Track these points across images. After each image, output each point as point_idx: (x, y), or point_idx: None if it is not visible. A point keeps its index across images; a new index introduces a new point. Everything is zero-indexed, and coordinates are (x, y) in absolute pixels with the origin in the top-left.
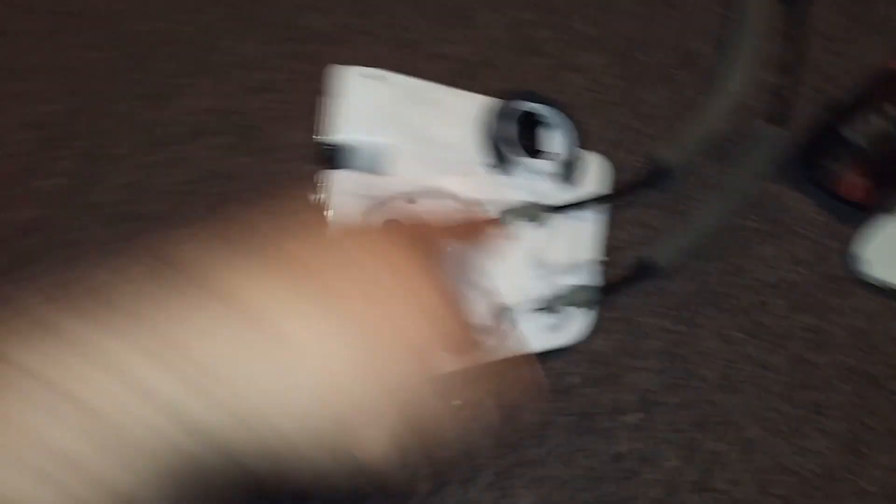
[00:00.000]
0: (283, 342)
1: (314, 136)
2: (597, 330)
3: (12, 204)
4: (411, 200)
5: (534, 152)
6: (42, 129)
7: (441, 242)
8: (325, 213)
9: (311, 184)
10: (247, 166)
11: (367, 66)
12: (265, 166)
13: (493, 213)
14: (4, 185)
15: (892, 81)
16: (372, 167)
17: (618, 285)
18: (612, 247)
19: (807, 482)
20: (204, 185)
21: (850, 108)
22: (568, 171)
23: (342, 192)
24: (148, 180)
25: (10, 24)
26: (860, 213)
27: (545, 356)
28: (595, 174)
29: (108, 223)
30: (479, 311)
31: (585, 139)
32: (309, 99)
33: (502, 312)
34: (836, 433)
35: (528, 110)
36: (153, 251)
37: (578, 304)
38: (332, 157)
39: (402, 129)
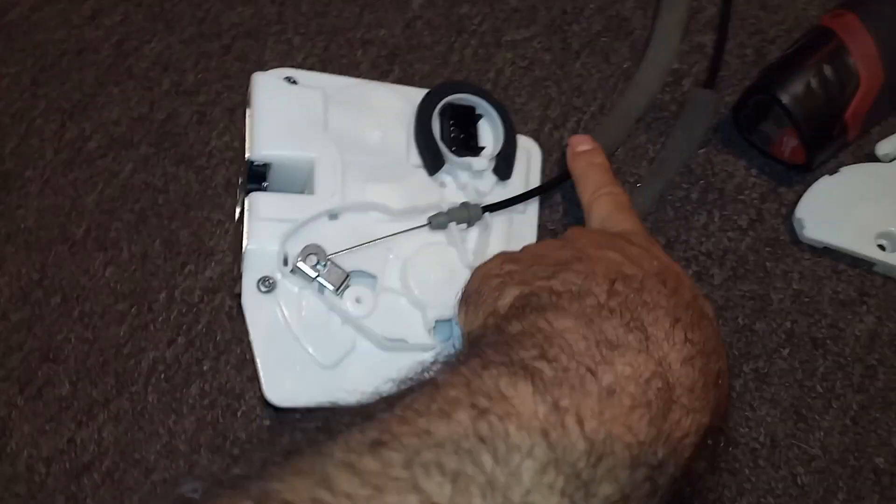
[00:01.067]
0: None
1: (238, 141)
2: None
3: None
4: (334, 217)
5: (467, 147)
6: None
7: None
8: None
9: (234, 192)
10: (169, 177)
11: (290, 59)
12: (187, 175)
13: (424, 218)
14: None
15: (825, 40)
16: (294, 182)
17: None
18: (549, 230)
19: (753, 452)
20: (128, 201)
21: (784, 68)
22: (503, 165)
23: (259, 217)
24: (67, 201)
25: None
26: (796, 174)
27: None
28: (528, 161)
29: (27, 251)
30: (415, 326)
31: (517, 119)
32: (230, 99)
33: (438, 325)
34: (780, 400)
35: (456, 102)
36: None
37: None
38: (252, 172)
39: (323, 139)
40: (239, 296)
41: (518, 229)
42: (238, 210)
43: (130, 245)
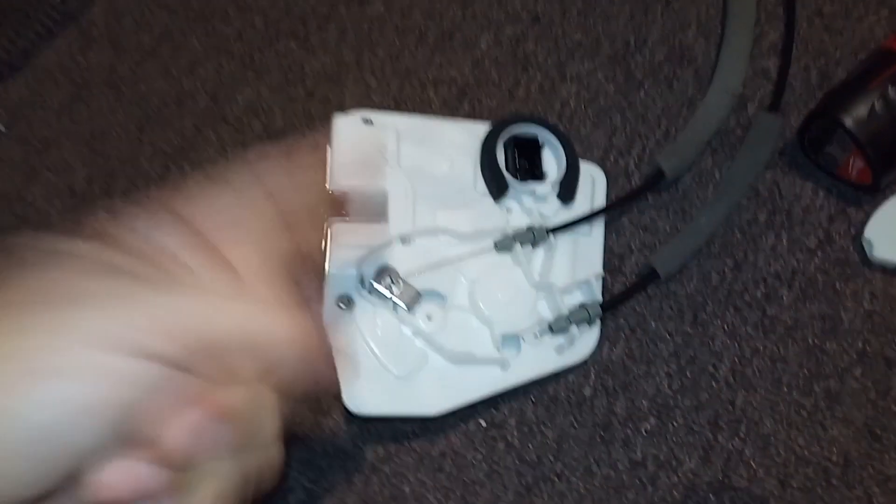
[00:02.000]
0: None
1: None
2: (605, 340)
3: None
4: (407, 242)
5: (530, 175)
6: (74, 196)
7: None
8: (326, 264)
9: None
10: None
11: (367, 100)
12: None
13: (491, 241)
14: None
15: (890, 61)
16: (371, 210)
17: (622, 297)
18: (616, 254)
19: (826, 472)
20: None
21: (849, 90)
22: (565, 189)
23: (339, 243)
24: None
25: (32, 99)
26: (863, 195)
27: (557, 373)
28: (593, 186)
29: None
30: (483, 341)
31: (582, 148)
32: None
33: (505, 340)
34: (853, 420)
35: (519, 133)
36: None
37: (585, 322)
38: (333, 205)
39: (395, 171)
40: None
41: (583, 250)
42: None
43: None
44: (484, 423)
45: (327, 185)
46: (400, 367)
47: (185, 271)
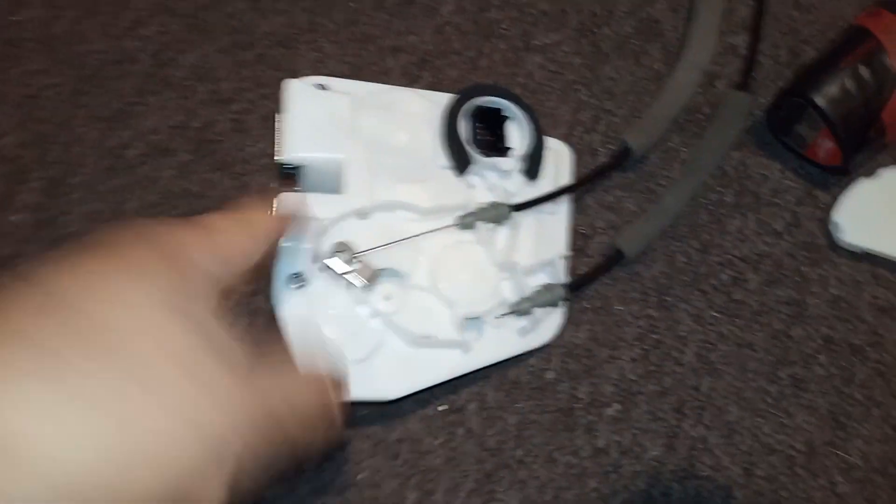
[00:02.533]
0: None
1: (273, 147)
2: (570, 322)
3: None
4: (363, 216)
5: (494, 149)
6: (3, 162)
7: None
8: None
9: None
10: (208, 183)
11: (322, 66)
12: (225, 182)
13: (453, 218)
14: None
15: (861, 40)
16: (325, 183)
17: (587, 278)
18: (581, 234)
19: (791, 460)
20: (167, 207)
21: (820, 69)
22: (531, 165)
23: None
24: (110, 207)
25: None
26: (833, 177)
27: (519, 356)
28: (559, 163)
29: None
30: (444, 323)
31: (547, 123)
32: (265, 107)
33: (466, 322)
34: (817, 407)
35: (483, 104)
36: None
37: (549, 304)
38: (286, 175)
39: (351, 141)
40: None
41: (548, 229)
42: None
43: None
44: (443, 408)
45: (276, 157)
46: (356, 350)
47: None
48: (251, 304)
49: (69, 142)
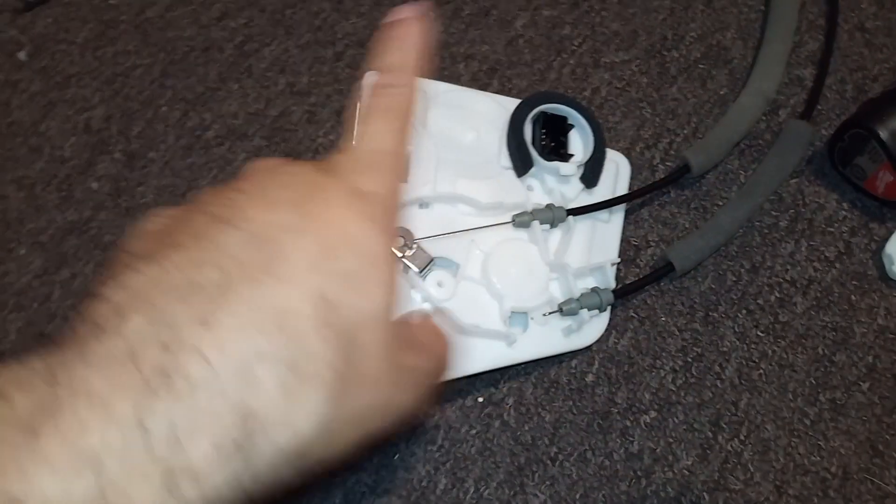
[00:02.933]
0: None
1: (342, 142)
2: (613, 328)
3: (56, 206)
4: (425, 206)
5: (555, 154)
6: (89, 133)
7: None
8: None
9: None
10: None
11: None
12: None
13: (510, 216)
14: (51, 188)
15: None
16: None
17: (635, 286)
18: (633, 245)
19: (824, 482)
20: None
21: (886, 103)
22: (590, 173)
23: None
24: (184, 183)
25: (56, 34)
26: (889, 211)
27: (561, 356)
28: (617, 174)
29: None
30: (491, 315)
31: (610, 137)
32: (339, 102)
33: (513, 317)
34: (856, 433)
35: (549, 111)
36: None
37: (595, 307)
38: None
39: (421, 134)
40: None
41: (600, 237)
42: None
43: None
44: (481, 400)
45: (352, 142)
46: None
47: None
48: None
49: (152, 119)
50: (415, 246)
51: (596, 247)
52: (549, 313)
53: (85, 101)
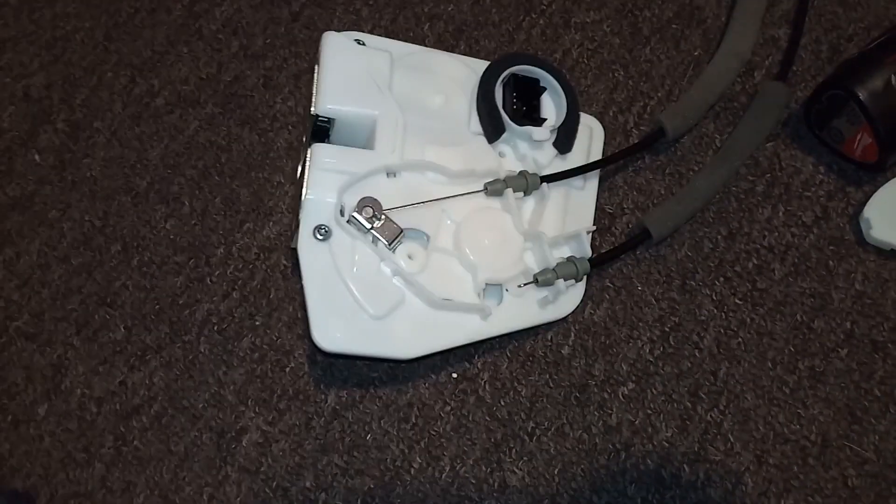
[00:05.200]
0: None
1: (302, 106)
2: (589, 299)
3: None
4: (392, 174)
5: (528, 118)
6: (29, 102)
7: None
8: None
9: (295, 155)
10: (233, 137)
11: (357, 28)
12: (252, 137)
13: (481, 184)
14: None
15: None
16: (355, 140)
17: (611, 254)
18: (607, 212)
19: (804, 450)
20: (192, 158)
21: (863, 63)
22: (563, 138)
23: (320, 167)
24: (133, 154)
25: None
26: (866, 174)
27: (536, 328)
28: (591, 139)
29: (91, 200)
30: (465, 287)
31: (582, 101)
32: (296, 65)
33: (487, 289)
34: (834, 400)
35: (520, 74)
36: None
37: (571, 276)
38: (316, 128)
39: (386, 98)
40: (294, 251)
41: (575, 204)
42: (300, 168)
43: (192, 200)
44: (455, 376)
45: (312, 109)
46: (376, 305)
47: None
48: (270, 257)
49: (96, 86)
50: (383, 217)
51: (571, 215)
52: (525, 284)
53: (23, 68)
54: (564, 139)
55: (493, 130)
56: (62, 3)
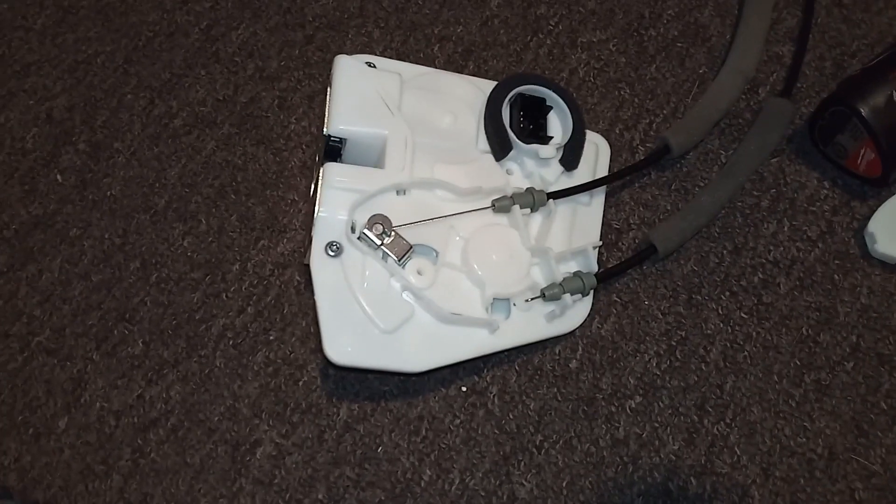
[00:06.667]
0: None
1: (316, 126)
2: (597, 313)
3: (19, 200)
4: (402, 192)
5: (534, 136)
6: (51, 123)
7: None
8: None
9: (309, 174)
10: (248, 156)
11: (369, 51)
12: (266, 156)
13: (489, 201)
14: (14, 181)
15: None
16: (366, 159)
17: (618, 269)
18: (614, 228)
19: (810, 463)
20: (206, 177)
21: (865, 80)
22: (570, 155)
23: (332, 186)
24: (152, 173)
25: (13, 20)
26: (869, 189)
27: (544, 342)
28: (597, 156)
29: (111, 218)
30: (473, 302)
31: (588, 118)
32: (310, 87)
33: (495, 303)
34: (841, 413)
35: (527, 93)
36: None
37: (578, 291)
38: (328, 148)
39: (396, 118)
40: (307, 266)
41: (581, 220)
42: (313, 186)
43: (208, 218)
44: (465, 389)
45: (325, 129)
46: (386, 320)
47: None
48: (284, 273)
49: (116, 108)
50: (393, 233)
51: (577, 230)
52: (532, 299)
53: (46, 91)
54: (571, 156)
55: (500, 149)
56: (84, 28)
